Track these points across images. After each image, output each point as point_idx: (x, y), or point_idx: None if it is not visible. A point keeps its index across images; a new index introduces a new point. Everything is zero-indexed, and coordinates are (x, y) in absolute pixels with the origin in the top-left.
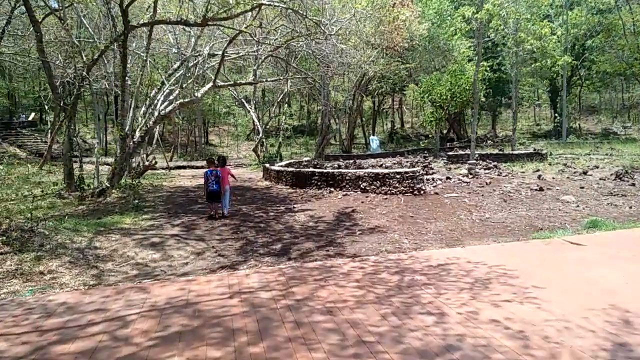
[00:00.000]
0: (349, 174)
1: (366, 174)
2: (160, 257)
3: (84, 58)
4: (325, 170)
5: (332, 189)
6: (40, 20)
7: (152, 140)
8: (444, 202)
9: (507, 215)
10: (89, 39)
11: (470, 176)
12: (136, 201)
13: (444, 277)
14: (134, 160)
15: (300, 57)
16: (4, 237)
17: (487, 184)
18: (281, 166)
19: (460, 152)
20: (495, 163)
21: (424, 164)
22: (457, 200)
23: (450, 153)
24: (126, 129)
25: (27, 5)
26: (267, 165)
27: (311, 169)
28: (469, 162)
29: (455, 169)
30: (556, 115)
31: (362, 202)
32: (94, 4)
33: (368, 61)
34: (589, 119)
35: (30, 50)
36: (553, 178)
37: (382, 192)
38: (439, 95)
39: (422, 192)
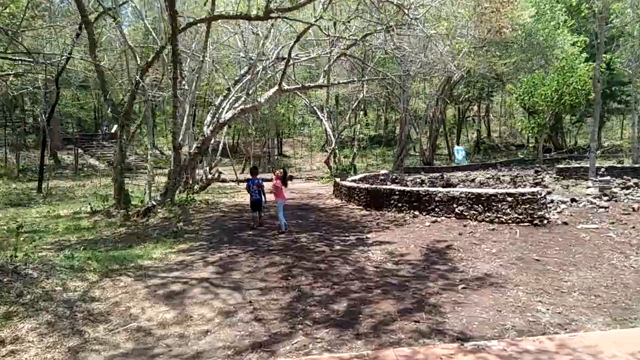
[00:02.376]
0: (440, 194)
1: (463, 195)
2: (174, 317)
3: (139, 61)
4: (407, 189)
5: (416, 213)
6: (92, 21)
7: (217, 152)
8: (581, 238)
9: None
10: (147, 42)
11: (605, 198)
12: (180, 224)
13: None
14: (197, 172)
15: (377, 60)
16: None
17: (634, 209)
18: (354, 181)
19: (574, 164)
20: (636, 180)
21: (536, 181)
22: (598, 234)
23: (560, 166)
24: (179, 139)
25: (79, 6)
26: (338, 180)
27: (390, 186)
28: (598, 179)
29: (572, 186)
30: None
31: (460, 234)
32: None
33: (458, 56)
34: None
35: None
36: None
37: (487, 219)
38: (542, 97)
39: (544, 221)
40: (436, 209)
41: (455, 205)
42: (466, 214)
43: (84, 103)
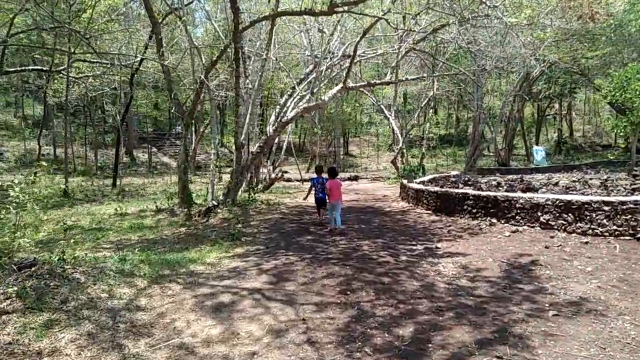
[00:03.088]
0: (521, 200)
1: (549, 201)
2: (220, 334)
3: (203, 61)
4: (483, 193)
5: (493, 220)
6: (160, 20)
7: (282, 150)
8: None
9: None
10: (217, 44)
11: None
12: (238, 225)
13: None
14: (262, 171)
15: (448, 55)
16: (23, 285)
17: None
18: (422, 183)
19: None
20: None
21: (634, 186)
22: None
23: None
24: (241, 139)
25: (147, 5)
26: (405, 182)
27: (462, 190)
28: None
29: None
30: None
31: (547, 247)
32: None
33: (540, 49)
34: None
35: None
36: None
37: (578, 231)
38: (636, 92)
39: None
40: (517, 217)
41: (539, 213)
42: (553, 223)
43: (158, 103)
